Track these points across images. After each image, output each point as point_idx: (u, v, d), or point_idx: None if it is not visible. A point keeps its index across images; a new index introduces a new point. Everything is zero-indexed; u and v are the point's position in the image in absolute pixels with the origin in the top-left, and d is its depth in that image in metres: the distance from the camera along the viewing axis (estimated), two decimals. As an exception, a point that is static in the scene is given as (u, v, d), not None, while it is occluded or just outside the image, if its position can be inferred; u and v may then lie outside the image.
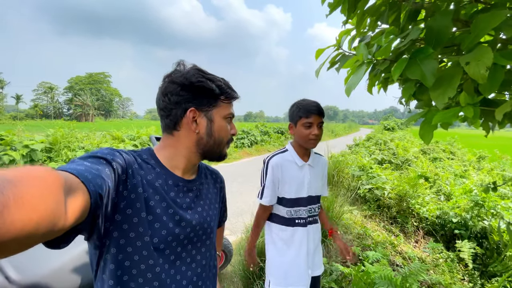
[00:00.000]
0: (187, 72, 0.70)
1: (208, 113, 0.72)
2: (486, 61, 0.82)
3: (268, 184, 1.35)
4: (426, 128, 1.12)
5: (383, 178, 4.51)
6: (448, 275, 2.74)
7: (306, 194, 1.37)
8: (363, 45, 1.19)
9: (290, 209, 1.37)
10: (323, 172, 1.48)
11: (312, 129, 1.30)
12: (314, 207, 1.43)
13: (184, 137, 0.72)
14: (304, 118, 1.30)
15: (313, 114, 1.29)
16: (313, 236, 1.42)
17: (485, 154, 10.79)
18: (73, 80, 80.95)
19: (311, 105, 1.31)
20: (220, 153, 0.77)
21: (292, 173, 1.36)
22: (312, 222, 1.43)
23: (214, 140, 0.74)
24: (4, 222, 0.28)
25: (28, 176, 0.32)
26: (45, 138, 6.26)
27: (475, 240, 3.35)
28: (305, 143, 1.32)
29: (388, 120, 29.78)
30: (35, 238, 0.32)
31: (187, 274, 0.70)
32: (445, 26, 0.97)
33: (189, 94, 0.69)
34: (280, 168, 1.34)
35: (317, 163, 1.45)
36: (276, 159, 1.36)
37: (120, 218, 0.59)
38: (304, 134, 1.30)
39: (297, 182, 1.36)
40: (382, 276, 1.88)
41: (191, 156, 0.74)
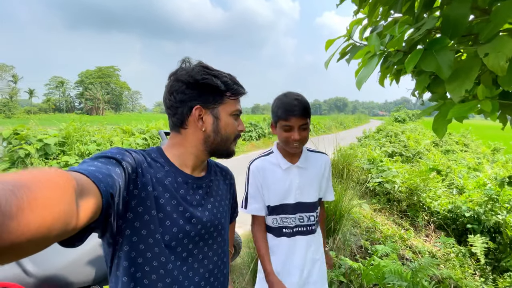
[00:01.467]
0: (192, 69, 0.70)
1: (214, 110, 0.72)
2: (507, 52, 0.78)
3: (252, 191, 1.21)
4: (440, 122, 1.08)
5: (393, 172, 4.44)
6: (459, 270, 2.70)
7: (294, 200, 1.20)
8: (375, 35, 1.15)
9: (276, 216, 1.21)
10: (322, 173, 1.27)
11: (292, 133, 1.11)
12: (307, 215, 1.22)
13: (191, 135, 0.72)
14: (282, 120, 1.11)
15: (292, 117, 1.08)
16: (305, 249, 1.22)
17: (500, 146, 10.48)
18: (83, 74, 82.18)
19: (291, 104, 1.09)
20: (227, 150, 0.77)
21: (276, 178, 1.20)
22: (303, 232, 1.22)
23: (221, 137, 0.74)
24: (19, 224, 0.28)
25: (40, 178, 0.33)
26: (58, 132, 6.42)
27: (488, 235, 3.29)
28: (286, 147, 1.17)
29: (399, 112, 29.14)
30: (49, 239, 0.33)
31: (199, 271, 0.70)
32: (463, 14, 0.92)
33: (194, 91, 0.69)
34: (262, 173, 1.20)
35: (312, 164, 1.25)
36: (257, 163, 1.22)
37: (131, 216, 0.61)
38: (283, 138, 1.14)
39: (282, 188, 1.19)
40: (391, 270, 1.87)
41: (199, 153, 0.74)
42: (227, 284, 0.82)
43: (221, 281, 0.78)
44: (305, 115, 1.11)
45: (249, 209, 1.21)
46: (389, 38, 1.17)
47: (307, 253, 1.23)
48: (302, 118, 1.10)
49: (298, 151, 1.19)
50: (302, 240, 1.22)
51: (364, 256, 2.71)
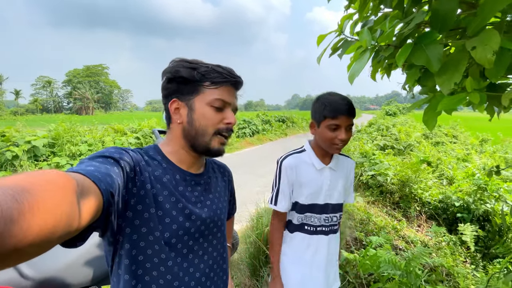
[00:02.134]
0: (172, 65, 0.71)
1: (189, 102, 0.69)
2: (493, 45, 0.80)
3: (283, 188, 1.19)
4: (431, 114, 1.10)
5: (385, 164, 4.52)
6: (451, 258, 2.79)
7: (323, 201, 1.19)
8: (366, 30, 1.16)
9: (301, 215, 1.21)
10: (348, 176, 1.28)
11: (338, 133, 1.09)
12: (331, 216, 1.22)
13: (174, 130, 0.73)
14: (329, 119, 1.08)
15: (341, 115, 1.07)
16: (327, 248, 1.22)
17: (488, 137, 10.75)
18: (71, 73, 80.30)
19: (340, 103, 1.08)
20: (206, 145, 0.70)
21: (309, 177, 1.18)
22: (325, 232, 1.22)
23: (196, 129, 0.69)
24: (21, 229, 0.28)
25: (40, 181, 0.33)
26: (47, 133, 6.28)
27: (477, 223, 3.39)
28: (328, 148, 1.14)
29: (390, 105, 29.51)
30: (52, 241, 0.33)
31: (199, 267, 0.71)
32: (451, 9, 0.94)
33: (172, 85, 0.70)
34: (295, 170, 1.18)
35: (341, 166, 1.25)
36: (290, 160, 1.19)
37: (131, 214, 0.61)
38: (328, 138, 1.10)
39: (313, 187, 1.18)
40: (386, 259, 1.92)
41: (186, 148, 0.73)
42: (227, 278, 0.83)
43: (220, 276, 0.79)
44: (352, 115, 1.10)
45: (279, 206, 1.19)
46: (380, 33, 1.19)
47: (328, 254, 1.23)
48: (350, 117, 1.09)
49: (339, 152, 1.16)
50: (324, 239, 1.21)
51: (359, 247, 2.76)
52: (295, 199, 1.20)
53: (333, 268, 1.28)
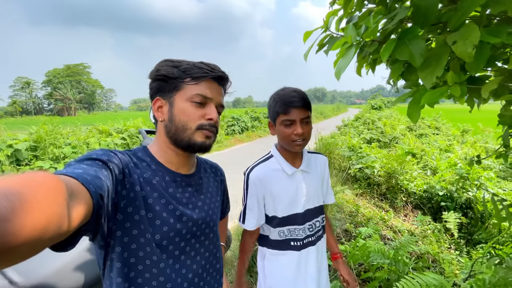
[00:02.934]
0: (156, 65, 0.71)
1: (170, 99, 0.69)
2: (473, 40, 0.83)
3: (251, 204, 1.08)
4: (414, 108, 1.14)
5: (372, 157, 4.63)
6: (436, 245, 2.90)
7: (302, 209, 1.10)
8: (351, 26, 1.18)
9: (283, 228, 1.10)
10: (323, 174, 1.19)
11: (294, 128, 1.00)
12: (314, 222, 1.14)
13: (159, 129, 0.73)
14: (282, 115, 1.01)
15: (293, 108, 0.99)
16: (316, 258, 1.14)
17: (469, 128, 11.17)
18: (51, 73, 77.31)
19: (291, 96, 1.01)
20: (189, 141, 0.68)
21: (281, 186, 1.08)
22: (312, 242, 1.14)
23: (176, 125, 0.68)
24: (13, 227, 0.28)
25: (30, 182, 0.33)
26: (29, 136, 6.04)
27: (460, 211, 3.54)
28: (288, 146, 1.05)
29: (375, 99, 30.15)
30: (43, 242, 0.33)
31: (192, 268, 0.71)
32: (432, 4, 0.96)
33: (155, 84, 0.70)
34: (264, 182, 1.06)
35: (313, 166, 1.16)
36: (257, 171, 1.08)
37: (121, 217, 0.60)
38: (285, 135, 1.02)
39: (289, 196, 1.08)
40: (375, 249, 1.97)
41: (171, 147, 0.71)
42: (221, 277, 0.83)
43: (214, 276, 0.79)
44: (306, 107, 1.02)
45: (247, 224, 1.09)
46: (365, 29, 1.21)
47: (317, 261, 1.15)
48: (303, 110, 1.01)
49: (302, 149, 1.07)
50: (313, 250, 1.13)
51: (349, 239, 2.83)
52: (271, 213, 1.09)
53: (324, 273, 1.21)
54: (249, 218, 1.09)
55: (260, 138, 13.17)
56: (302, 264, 1.12)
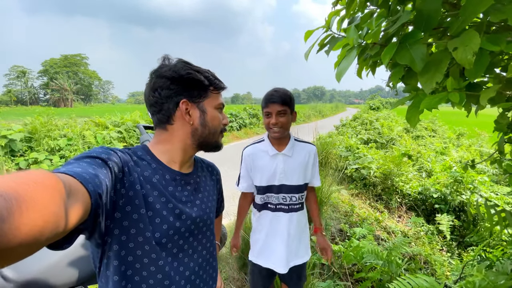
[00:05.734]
0: (175, 65, 0.71)
1: (200, 104, 0.74)
2: (473, 47, 0.83)
3: (243, 173, 1.44)
4: (413, 112, 1.14)
5: (369, 158, 4.65)
6: (428, 247, 2.94)
7: (278, 182, 1.37)
8: (353, 28, 1.18)
9: (263, 195, 1.41)
10: (307, 160, 1.42)
11: (270, 118, 1.29)
12: (290, 196, 1.40)
13: (178, 130, 0.73)
14: (264, 108, 1.31)
15: (270, 103, 1.28)
16: (287, 225, 1.40)
17: (464, 131, 11.27)
18: (48, 63, 76.22)
19: (270, 94, 1.30)
20: (216, 143, 0.79)
21: (263, 163, 1.38)
22: (282, 210, 1.40)
23: (209, 130, 0.76)
24: (10, 227, 0.28)
25: (28, 181, 0.33)
26: (23, 127, 5.97)
27: (453, 214, 3.58)
28: (269, 132, 1.36)
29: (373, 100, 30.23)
30: (41, 241, 0.33)
31: (189, 265, 0.72)
32: (435, 9, 0.97)
33: (179, 86, 0.70)
34: (252, 158, 1.40)
35: (297, 152, 1.40)
36: (249, 150, 1.43)
37: (120, 215, 0.60)
38: (265, 123, 1.33)
39: (268, 171, 1.37)
40: (369, 250, 1.99)
41: (187, 148, 0.75)
42: (216, 275, 0.85)
43: (210, 273, 0.80)
44: (282, 103, 1.27)
45: (240, 187, 1.46)
46: (367, 31, 1.21)
47: (289, 229, 1.40)
48: (279, 104, 1.27)
49: (279, 136, 1.33)
50: (284, 216, 1.40)
51: (343, 238, 2.85)
52: (256, 182, 1.41)
53: (299, 243, 1.45)
54: (242, 183, 1.46)
55: (258, 135, 13.16)
56: (274, 223, 1.41)
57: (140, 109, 11.88)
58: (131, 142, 7.52)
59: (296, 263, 1.43)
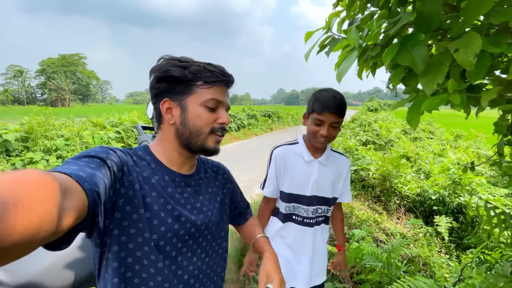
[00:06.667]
0: (162, 63, 0.68)
1: (182, 102, 0.67)
2: (475, 48, 0.83)
3: (271, 175, 1.27)
4: (414, 114, 1.13)
5: (368, 160, 4.66)
6: (427, 248, 2.94)
7: (310, 193, 1.24)
8: (354, 29, 1.17)
9: (289, 204, 1.27)
10: (340, 173, 1.31)
11: (321, 128, 1.13)
12: (319, 208, 1.28)
13: (166, 131, 0.71)
14: (316, 113, 1.13)
15: (327, 112, 1.11)
16: (313, 239, 1.29)
17: (462, 133, 11.32)
18: (45, 62, 75.83)
19: (328, 99, 1.12)
20: (202, 146, 0.69)
21: (296, 167, 1.24)
22: (310, 224, 1.28)
23: (190, 130, 0.67)
24: (4, 227, 0.28)
25: (23, 180, 0.32)
26: (20, 127, 5.92)
27: (452, 215, 3.59)
28: (312, 140, 1.20)
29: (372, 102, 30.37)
30: (35, 241, 0.32)
31: (188, 269, 0.70)
32: (436, 11, 0.96)
33: (163, 85, 0.67)
34: (283, 159, 1.24)
35: (332, 162, 1.28)
36: (281, 150, 1.27)
37: (119, 215, 0.59)
38: (312, 131, 1.17)
39: (300, 178, 1.23)
40: (369, 252, 1.99)
41: (178, 149, 0.71)
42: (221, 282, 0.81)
43: (214, 281, 0.77)
44: (339, 114, 1.13)
45: (265, 190, 1.29)
46: (367, 32, 1.20)
47: (315, 245, 1.30)
48: (335, 115, 1.12)
49: (323, 147, 1.21)
50: (311, 230, 1.28)
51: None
52: (281, 188, 1.27)
53: (320, 259, 1.34)
54: (268, 185, 1.28)
55: (256, 136, 13.16)
56: (300, 238, 1.29)
57: (139, 110, 11.83)
58: (129, 142, 7.48)
59: (316, 283, 1.33)
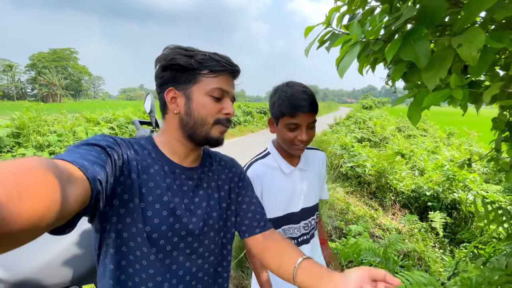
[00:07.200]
0: (167, 52, 0.67)
1: (187, 91, 0.66)
2: (478, 43, 0.83)
3: None
4: (415, 109, 1.13)
5: (363, 156, 4.69)
6: (422, 243, 2.99)
7: (299, 207, 1.06)
8: (356, 24, 1.16)
9: (279, 229, 1.06)
10: (320, 171, 1.15)
11: (298, 132, 0.94)
12: (310, 220, 1.11)
13: (170, 120, 0.69)
14: (288, 117, 0.93)
15: (300, 113, 0.92)
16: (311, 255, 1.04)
17: (454, 131, 11.50)
18: (35, 57, 74.12)
19: (299, 99, 0.92)
20: (207, 136, 0.67)
21: (278, 184, 1.03)
22: (307, 240, 1.11)
23: (194, 119, 0.66)
24: (11, 213, 0.28)
25: (27, 167, 0.33)
26: (11, 122, 5.79)
27: (446, 211, 3.65)
28: (289, 149, 1.00)
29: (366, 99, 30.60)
30: (41, 227, 0.33)
31: (185, 265, 0.68)
32: (440, 5, 0.96)
33: (168, 73, 0.66)
34: (261, 180, 1.01)
35: (311, 163, 1.12)
36: (256, 168, 1.03)
37: (117, 203, 0.60)
38: (287, 138, 0.96)
39: (286, 195, 1.04)
40: (366, 247, 2.01)
41: (181, 139, 0.69)
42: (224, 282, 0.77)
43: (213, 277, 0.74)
44: (315, 111, 0.95)
45: None
46: (369, 27, 1.20)
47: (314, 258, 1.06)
48: (311, 114, 0.94)
49: (302, 153, 1.03)
50: (307, 248, 1.11)
51: (339, 236, 2.87)
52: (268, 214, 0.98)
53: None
54: None
55: (252, 133, 13.14)
56: None
57: (133, 105, 11.66)
58: (123, 138, 7.39)
59: None
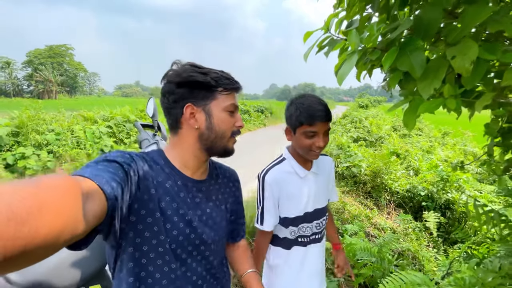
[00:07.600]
0: (181, 69, 0.70)
1: (206, 107, 0.71)
2: (471, 55, 0.87)
3: (268, 206, 1.12)
4: (410, 116, 1.18)
5: (359, 156, 4.75)
6: (416, 243, 3.05)
7: (312, 208, 1.17)
8: (354, 32, 1.20)
9: (295, 228, 1.16)
10: (329, 175, 1.27)
11: (316, 139, 1.05)
12: (321, 220, 1.21)
13: (186, 135, 0.73)
14: (306, 126, 1.04)
15: (318, 121, 1.03)
16: (314, 257, 1.22)
17: (449, 131, 11.62)
18: (32, 53, 73.12)
19: (316, 109, 1.04)
20: (225, 147, 0.75)
21: (294, 187, 1.14)
22: (316, 240, 1.21)
23: (216, 133, 0.72)
24: (29, 229, 0.29)
25: (47, 184, 0.34)
26: (10, 121, 5.75)
27: (440, 211, 3.73)
28: (306, 154, 1.10)
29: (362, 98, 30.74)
30: (58, 244, 0.34)
31: (197, 270, 0.73)
32: (435, 18, 1.00)
33: (185, 90, 0.70)
34: (279, 184, 1.12)
35: (322, 168, 1.23)
36: (273, 174, 1.12)
37: (134, 219, 0.62)
38: (305, 145, 1.06)
39: (301, 197, 1.15)
40: (362, 247, 2.06)
41: (196, 152, 0.74)
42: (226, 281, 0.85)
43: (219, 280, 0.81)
44: (330, 119, 1.08)
45: (265, 225, 1.12)
46: (366, 36, 1.23)
47: (317, 262, 1.23)
48: (327, 122, 1.07)
49: (318, 157, 1.13)
50: (315, 248, 1.21)
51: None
52: (283, 214, 1.15)
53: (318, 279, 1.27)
54: (267, 219, 1.13)
55: (249, 131, 13.15)
56: (307, 260, 1.20)
57: (129, 103, 11.60)
58: (120, 137, 7.37)
59: None
